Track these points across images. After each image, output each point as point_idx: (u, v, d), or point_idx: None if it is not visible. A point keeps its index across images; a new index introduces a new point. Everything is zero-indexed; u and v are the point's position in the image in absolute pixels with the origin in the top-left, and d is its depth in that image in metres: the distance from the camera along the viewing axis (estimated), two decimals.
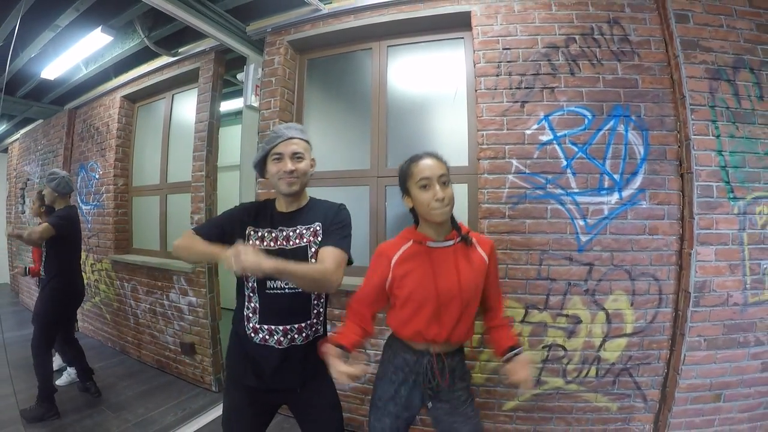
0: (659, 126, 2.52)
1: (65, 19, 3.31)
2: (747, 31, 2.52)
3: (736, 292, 2.40)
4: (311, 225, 1.66)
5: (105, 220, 4.50)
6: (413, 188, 1.56)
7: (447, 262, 1.59)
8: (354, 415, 2.88)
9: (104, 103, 4.67)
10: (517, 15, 2.66)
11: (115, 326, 4.45)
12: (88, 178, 4.79)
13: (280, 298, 1.60)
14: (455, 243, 1.63)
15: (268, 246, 1.62)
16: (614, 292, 2.50)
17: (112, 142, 4.47)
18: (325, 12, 3.06)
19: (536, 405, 2.61)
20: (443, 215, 1.52)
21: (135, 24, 3.53)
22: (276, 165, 1.61)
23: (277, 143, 1.61)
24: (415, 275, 1.58)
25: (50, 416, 2.98)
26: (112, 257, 4.36)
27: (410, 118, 3.10)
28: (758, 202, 2.43)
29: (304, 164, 1.64)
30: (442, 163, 1.57)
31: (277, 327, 1.59)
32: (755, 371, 2.45)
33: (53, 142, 5.25)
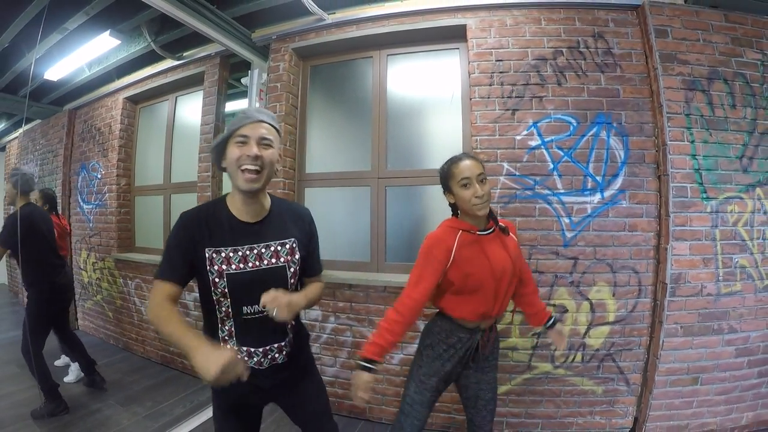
0: (638, 132, 2.80)
1: (74, 22, 3.42)
2: (722, 45, 2.81)
3: (709, 284, 2.70)
4: (286, 241, 1.54)
5: (107, 219, 4.68)
6: (455, 187, 1.77)
7: (495, 247, 1.82)
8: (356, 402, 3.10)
9: (106, 105, 4.85)
10: (509, 29, 2.94)
11: (118, 324, 4.63)
12: (89, 178, 4.95)
13: (258, 322, 1.48)
14: (495, 230, 1.86)
15: (237, 269, 1.44)
16: (597, 283, 2.78)
17: (115, 143, 4.66)
18: (329, 22, 3.29)
19: (527, 389, 2.87)
20: (484, 209, 1.74)
21: (142, 28, 3.70)
22: (239, 149, 1.39)
23: (245, 124, 1.41)
24: (475, 261, 1.76)
25: (60, 411, 3.09)
26: (115, 255, 4.55)
27: (408, 123, 3.35)
28: (729, 201, 2.73)
29: (271, 152, 1.44)
30: (478, 163, 1.78)
31: (257, 349, 1.50)
32: (729, 356, 2.75)
33: (52, 142, 5.38)
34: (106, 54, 4.16)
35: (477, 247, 1.79)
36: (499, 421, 2.89)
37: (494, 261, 1.78)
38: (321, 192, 3.50)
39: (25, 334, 3.11)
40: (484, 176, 1.76)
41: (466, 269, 1.76)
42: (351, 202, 3.45)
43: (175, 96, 4.45)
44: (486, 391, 1.93)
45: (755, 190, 2.78)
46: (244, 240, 1.46)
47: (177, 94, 4.44)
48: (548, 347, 2.85)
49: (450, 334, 1.86)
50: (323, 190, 3.48)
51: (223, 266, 1.41)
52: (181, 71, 4.17)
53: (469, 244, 1.78)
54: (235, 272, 1.43)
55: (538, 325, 2.06)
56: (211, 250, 1.41)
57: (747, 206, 2.77)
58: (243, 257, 1.45)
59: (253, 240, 1.48)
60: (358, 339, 3.11)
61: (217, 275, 1.41)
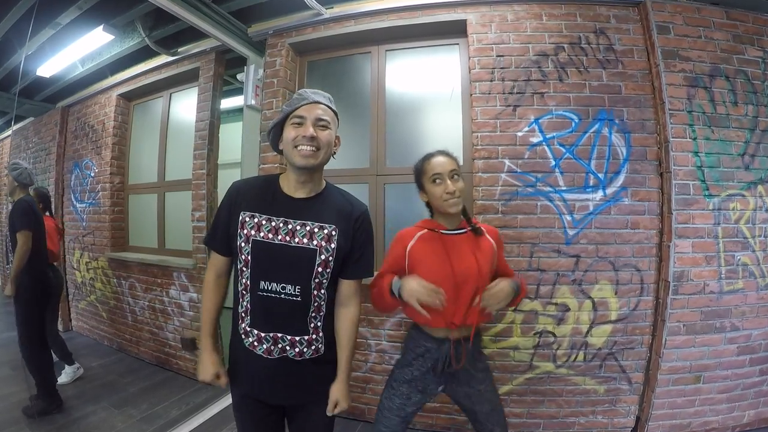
0: (640, 129, 2.79)
1: (67, 17, 3.35)
2: (724, 42, 2.81)
3: (712, 281, 2.69)
4: (325, 226, 1.45)
5: (101, 218, 4.61)
6: (427, 183, 1.75)
7: (461, 247, 1.75)
8: (355, 404, 3.07)
9: (99, 102, 4.76)
10: (510, 24, 2.91)
11: (112, 324, 4.55)
12: (82, 176, 4.87)
13: (273, 303, 1.42)
14: (467, 231, 1.80)
15: (265, 238, 1.40)
16: (599, 281, 2.76)
17: (108, 140, 4.58)
18: (327, 16, 3.24)
19: (529, 389, 2.85)
20: (455, 206, 1.70)
21: (136, 23, 3.64)
22: (295, 130, 1.38)
23: (301, 105, 1.40)
24: (430, 259, 1.72)
25: (53, 409, 3.05)
26: (108, 255, 4.47)
27: (407, 119, 3.31)
28: (732, 199, 2.73)
29: (328, 134, 1.42)
30: (452, 159, 1.75)
31: (267, 334, 1.42)
32: (732, 354, 2.75)
33: (45, 139, 5.28)
34: (100, 50, 4.08)
35: (437, 246, 1.74)
36: None
37: (456, 263, 1.71)
38: None
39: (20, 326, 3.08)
40: (457, 173, 1.73)
41: (418, 269, 1.71)
42: None
43: (170, 93, 4.37)
44: (481, 403, 1.81)
45: (757, 188, 2.79)
46: (281, 211, 1.44)
47: (171, 90, 4.36)
48: (550, 346, 2.82)
49: (417, 344, 1.81)
50: None
51: (252, 231, 1.41)
52: (176, 67, 4.10)
53: (427, 243, 1.75)
54: (261, 240, 1.41)
55: None
56: (246, 214, 1.43)
57: (749, 204, 2.77)
58: (275, 228, 1.42)
59: (291, 214, 1.44)
60: (357, 339, 3.03)
61: (244, 239, 1.42)
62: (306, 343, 1.45)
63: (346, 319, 1.57)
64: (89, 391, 3.48)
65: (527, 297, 2.79)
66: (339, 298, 1.57)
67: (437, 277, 1.66)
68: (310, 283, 1.44)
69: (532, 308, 2.81)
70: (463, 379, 1.80)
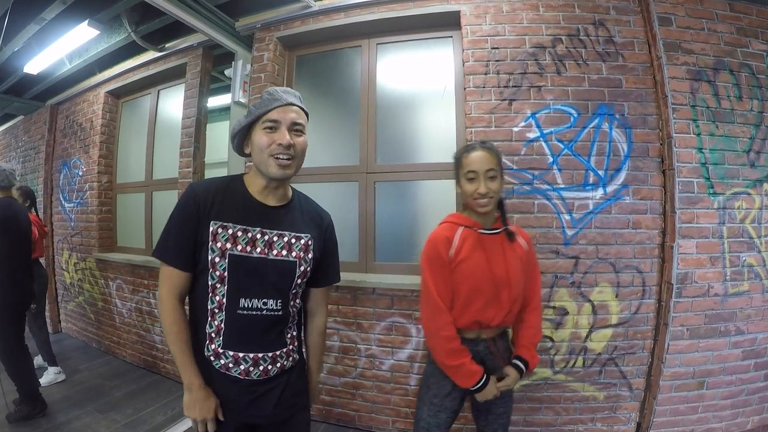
0: (642, 124, 2.66)
1: (51, 11, 3.27)
2: (727, 34, 2.69)
3: (716, 284, 2.57)
4: (301, 235, 1.36)
5: (89, 218, 4.49)
6: (461, 178, 1.65)
7: (496, 249, 1.66)
8: (345, 410, 2.96)
9: (88, 99, 4.65)
10: (506, 15, 2.77)
11: (100, 326, 4.44)
12: (71, 176, 4.76)
13: (253, 320, 1.28)
14: (501, 231, 1.71)
15: (243, 252, 1.25)
16: (599, 284, 2.63)
17: (96, 139, 4.47)
18: (315, 9, 3.11)
19: (525, 395, 2.72)
20: (484, 207, 1.60)
21: (122, 18, 3.52)
22: (267, 135, 1.25)
23: (273, 107, 1.26)
24: (473, 259, 1.62)
25: (36, 414, 2.99)
26: (96, 256, 4.36)
27: (399, 115, 3.19)
28: (737, 197, 2.61)
29: (303, 140, 1.31)
30: (492, 156, 1.62)
31: (246, 355, 1.27)
32: (736, 359, 2.62)
33: (35, 138, 5.20)
34: (86, 45, 3.97)
35: (477, 246, 1.64)
36: None
37: (495, 265, 1.63)
38: (306, 188, 3.12)
39: None
40: (495, 173, 1.61)
41: (464, 270, 1.61)
42: (338, 199, 3.25)
43: (158, 89, 4.26)
44: (498, 404, 1.75)
45: (763, 186, 2.67)
46: (256, 221, 1.29)
47: (159, 87, 4.25)
48: (548, 352, 2.69)
49: None
50: (308, 186, 3.17)
51: (228, 245, 1.23)
52: (163, 63, 3.98)
53: (470, 242, 1.64)
54: (239, 254, 1.25)
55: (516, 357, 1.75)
56: (217, 224, 1.24)
57: (755, 202, 2.65)
58: (252, 240, 1.27)
59: (267, 224, 1.31)
60: (346, 344, 2.93)
61: (219, 254, 1.23)
62: (285, 355, 1.35)
63: (314, 330, 1.56)
64: (74, 395, 3.41)
65: None
66: (308, 307, 1.53)
67: (479, 279, 1.62)
68: (289, 295, 1.35)
69: None
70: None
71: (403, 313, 2.80)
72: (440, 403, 1.72)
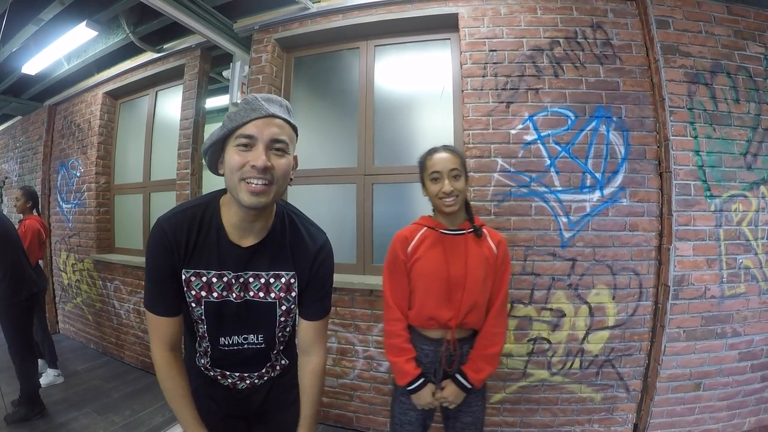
0: (639, 127, 2.67)
1: (49, 12, 3.28)
2: (725, 37, 2.70)
3: (713, 286, 2.58)
4: (282, 274, 1.22)
5: (87, 219, 4.50)
6: (426, 179, 1.69)
7: (457, 249, 1.68)
8: (343, 411, 2.97)
9: (86, 100, 4.65)
10: (504, 18, 2.78)
11: (98, 327, 4.45)
12: (68, 176, 4.76)
13: (235, 353, 1.26)
14: (467, 233, 1.72)
15: (219, 297, 1.17)
16: (596, 286, 2.64)
17: (94, 139, 4.47)
18: (314, 11, 3.12)
19: (522, 397, 2.73)
20: (450, 207, 1.63)
21: (120, 19, 3.54)
22: (240, 154, 1.03)
23: (250, 119, 1.03)
24: (427, 258, 1.67)
25: (35, 415, 3.00)
26: (94, 257, 4.36)
27: (397, 117, 3.19)
28: (734, 200, 2.62)
29: (285, 161, 1.07)
30: (455, 157, 1.66)
31: (233, 373, 1.30)
32: (733, 361, 2.64)
33: (32, 139, 5.19)
34: (84, 46, 3.98)
35: (436, 245, 1.69)
36: (493, 430, 2.76)
37: (452, 265, 1.66)
38: (304, 189, 3.30)
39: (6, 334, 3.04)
40: (459, 172, 1.65)
41: (418, 268, 1.68)
42: (336, 201, 3.26)
43: (156, 90, 4.26)
44: (464, 414, 1.74)
45: (759, 188, 2.68)
46: (231, 265, 1.17)
47: (157, 88, 4.25)
48: (545, 353, 2.70)
49: (414, 347, 1.73)
50: (306, 188, 3.28)
51: (202, 293, 1.15)
52: (161, 64, 3.99)
53: (429, 242, 1.70)
54: (215, 301, 1.17)
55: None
56: (189, 272, 1.14)
57: (751, 205, 2.66)
58: (227, 284, 1.17)
59: (242, 267, 1.18)
60: (344, 345, 2.94)
61: (194, 300, 1.16)
62: (271, 369, 1.36)
63: (309, 370, 1.34)
64: (72, 397, 3.42)
65: (521, 302, 2.67)
66: (301, 344, 1.36)
67: (432, 277, 1.66)
68: (274, 331, 1.28)
69: (526, 314, 2.69)
70: None
71: None
72: (408, 401, 1.73)
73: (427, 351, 1.71)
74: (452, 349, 1.69)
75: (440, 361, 1.69)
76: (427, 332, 1.72)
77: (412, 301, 1.71)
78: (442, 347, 1.69)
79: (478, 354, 1.68)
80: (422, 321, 1.69)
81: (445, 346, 1.69)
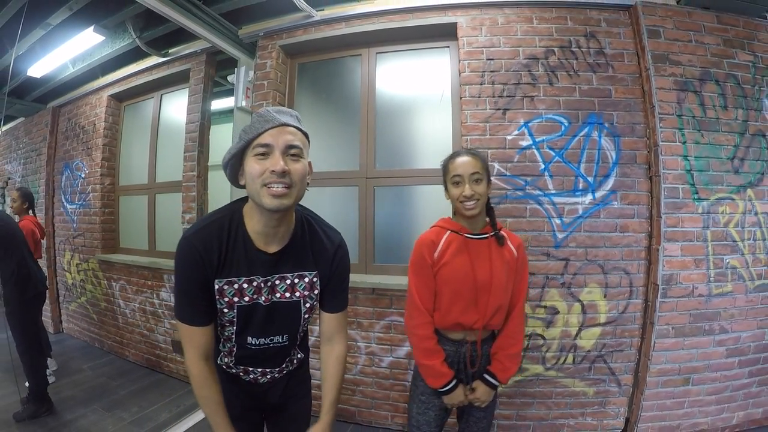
0: (630, 133, 2.83)
1: (58, 17, 3.39)
2: (714, 46, 2.85)
3: (701, 285, 2.73)
4: (305, 274, 1.36)
5: (91, 220, 4.63)
6: (448, 183, 1.74)
7: (482, 253, 1.73)
8: (346, 406, 3.11)
9: (90, 102, 4.78)
10: (501, 27, 2.94)
11: (102, 326, 4.58)
12: (73, 177, 4.89)
13: (260, 351, 1.40)
14: (490, 236, 1.77)
15: (251, 301, 1.30)
16: (588, 284, 2.80)
17: (99, 141, 4.60)
18: (317, 19, 3.27)
19: (518, 391, 2.89)
20: (471, 210, 1.67)
21: (127, 24, 3.65)
22: (259, 163, 1.14)
23: (265, 130, 1.15)
24: (455, 264, 1.70)
25: (43, 412, 3.10)
26: (99, 257, 4.50)
27: (398, 122, 3.35)
28: (721, 202, 2.77)
29: (301, 165, 1.20)
30: (477, 161, 1.69)
31: (255, 369, 1.45)
32: (720, 357, 2.79)
33: (36, 140, 5.30)
34: (91, 50, 4.11)
35: (462, 250, 1.73)
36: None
37: (478, 269, 1.70)
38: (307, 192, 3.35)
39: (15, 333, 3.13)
40: (480, 176, 1.68)
41: (446, 273, 1.72)
42: (339, 203, 3.43)
43: (161, 94, 4.40)
44: (479, 409, 1.82)
45: (746, 191, 2.82)
46: (260, 270, 1.29)
47: (162, 91, 4.39)
48: (539, 349, 2.86)
49: None
50: (310, 190, 3.33)
51: (235, 299, 1.28)
52: (167, 68, 4.13)
53: (454, 246, 1.73)
54: (246, 305, 1.29)
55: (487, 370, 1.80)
56: (222, 281, 1.25)
57: (738, 207, 2.80)
58: (257, 288, 1.29)
59: (269, 271, 1.30)
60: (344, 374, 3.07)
61: (227, 305, 1.29)
62: (290, 362, 1.51)
63: (334, 357, 1.48)
64: (79, 394, 3.52)
65: None
66: (325, 334, 1.50)
67: (461, 282, 1.70)
68: (298, 329, 1.44)
69: None
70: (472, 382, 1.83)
71: (401, 312, 2.91)
72: (427, 400, 1.80)
73: (448, 351, 1.76)
74: (478, 349, 1.77)
75: (465, 362, 1.76)
76: (449, 334, 1.77)
77: (438, 305, 1.75)
78: (464, 348, 1.75)
79: (504, 354, 1.76)
80: (448, 325, 1.74)
81: (469, 347, 1.75)
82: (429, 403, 1.81)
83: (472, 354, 1.77)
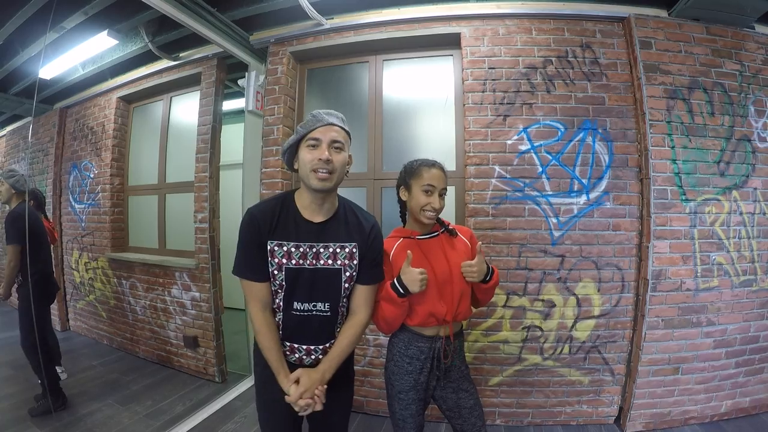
0: (622, 138, 3.07)
1: (72, 21, 3.53)
2: (703, 56, 3.08)
3: (688, 280, 2.97)
4: (346, 245, 1.61)
5: (101, 219, 4.79)
6: (416, 187, 1.82)
7: (435, 250, 1.88)
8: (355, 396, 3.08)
9: (99, 104, 4.94)
10: (502, 38, 3.17)
11: (112, 323, 4.75)
12: (81, 177, 5.01)
13: (305, 319, 1.60)
14: (439, 234, 1.93)
15: (297, 264, 1.55)
16: (583, 279, 3.05)
17: (108, 142, 4.77)
18: (327, 27, 3.48)
19: (518, 380, 3.13)
20: (430, 220, 1.83)
21: (140, 29, 3.81)
22: (310, 152, 1.50)
23: (316, 127, 1.51)
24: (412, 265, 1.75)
25: (58, 407, 3.20)
26: (108, 255, 4.68)
27: (403, 126, 3.58)
28: (707, 203, 3.01)
29: (342, 156, 1.54)
30: (446, 178, 1.85)
31: (300, 346, 1.62)
32: (708, 348, 3.03)
33: (43, 140, 5.40)
34: (102, 53, 4.27)
35: (415, 250, 1.84)
36: (491, 411, 3.14)
37: (435, 265, 1.84)
38: None
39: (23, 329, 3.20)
40: (445, 192, 1.86)
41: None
42: None
43: (170, 96, 4.60)
44: (466, 398, 1.93)
45: (731, 193, 3.05)
46: (305, 237, 1.57)
47: (172, 94, 4.58)
48: (537, 340, 3.10)
49: (408, 345, 1.89)
50: None
51: (283, 260, 1.54)
52: (177, 72, 4.31)
53: (405, 250, 1.81)
54: (294, 267, 1.55)
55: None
56: (273, 243, 1.54)
57: (724, 207, 3.04)
58: (303, 254, 1.55)
59: (315, 238, 1.57)
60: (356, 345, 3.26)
61: (276, 268, 1.55)
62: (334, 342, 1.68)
63: (352, 322, 1.69)
64: (91, 390, 3.64)
65: (516, 294, 3.07)
66: (352, 306, 1.72)
67: None
68: (339, 299, 1.64)
69: (520, 304, 3.08)
70: (454, 376, 1.94)
71: None
72: (406, 397, 1.89)
73: (423, 348, 1.87)
74: (451, 341, 1.90)
75: (439, 356, 1.87)
76: (423, 330, 1.88)
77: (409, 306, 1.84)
78: (438, 343, 1.87)
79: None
80: (423, 318, 1.84)
81: (443, 341, 1.87)
82: (408, 398, 1.89)
83: (446, 348, 1.89)
